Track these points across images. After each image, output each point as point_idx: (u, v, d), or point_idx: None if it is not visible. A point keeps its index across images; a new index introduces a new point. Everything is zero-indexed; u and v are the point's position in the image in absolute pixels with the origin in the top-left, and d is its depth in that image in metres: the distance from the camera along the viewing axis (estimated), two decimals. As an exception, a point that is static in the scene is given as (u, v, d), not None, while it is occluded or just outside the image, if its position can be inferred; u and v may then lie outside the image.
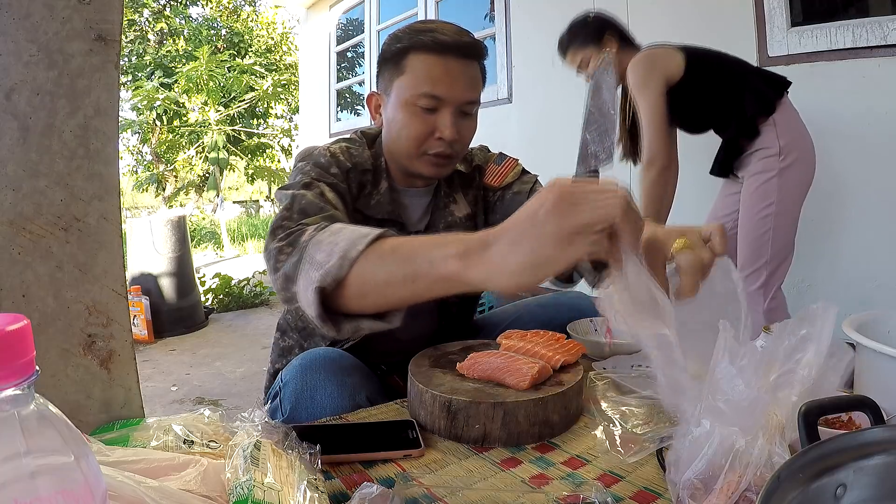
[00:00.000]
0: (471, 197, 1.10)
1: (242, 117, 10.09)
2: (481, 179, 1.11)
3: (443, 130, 0.92)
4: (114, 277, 0.69)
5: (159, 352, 3.42)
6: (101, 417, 0.69)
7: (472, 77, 0.94)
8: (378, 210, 0.99)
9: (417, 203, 1.06)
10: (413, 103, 0.92)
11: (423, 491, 0.58)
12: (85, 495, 0.30)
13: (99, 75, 0.67)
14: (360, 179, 0.98)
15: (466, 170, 1.10)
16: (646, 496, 0.58)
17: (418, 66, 0.92)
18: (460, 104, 0.93)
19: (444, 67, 0.91)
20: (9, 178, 0.62)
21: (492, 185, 1.10)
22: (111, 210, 0.69)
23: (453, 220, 1.06)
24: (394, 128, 0.96)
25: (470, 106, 0.95)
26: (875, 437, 0.43)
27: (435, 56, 0.91)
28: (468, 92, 0.93)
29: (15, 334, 0.29)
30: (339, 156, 0.96)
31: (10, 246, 0.62)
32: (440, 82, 0.91)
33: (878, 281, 1.83)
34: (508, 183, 1.10)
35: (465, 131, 0.96)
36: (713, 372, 0.52)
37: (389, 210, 1.00)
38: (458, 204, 1.08)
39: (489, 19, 3.52)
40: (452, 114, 0.92)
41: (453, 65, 0.91)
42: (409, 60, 0.92)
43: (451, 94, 0.91)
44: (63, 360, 0.66)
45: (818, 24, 1.90)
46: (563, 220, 0.48)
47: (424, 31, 0.92)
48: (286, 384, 0.86)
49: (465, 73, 0.93)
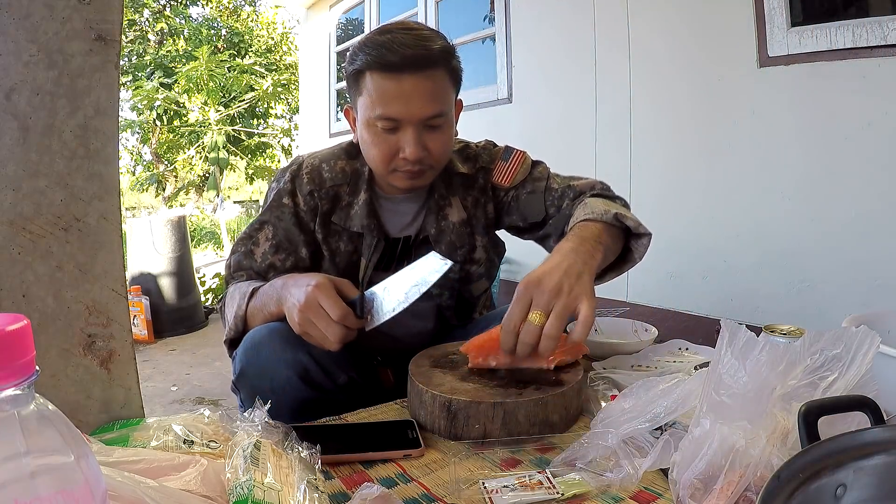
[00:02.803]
0: (470, 200, 1.08)
1: (242, 117, 10.08)
2: (487, 180, 1.09)
3: (406, 150, 0.90)
4: (114, 277, 0.69)
5: (159, 352, 3.42)
6: (101, 417, 0.69)
7: (430, 90, 0.89)
8: (354, 222, 1.00)
9: (405, 209, 1.05)
10: (373, 124, 0.90)
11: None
12: (85, 495, 0.30)
13: (99, 75, 0.67)
14: (334, 193, 1.00)
15: (469, 171, 1.08)
16: (646, 496, 0.58)
17: (373, 88, 0.88)
18: (421, 121, 0.89)
19: (398, 87, 0.87)
20: (9, 178, 0.62)
21: (502, 185, 1.08)
22: (111, 210, 0.69)
23: (446, 226, 1.05)
24: (363, 146, 0.96)
25: (435, 119, 0.90)
26: (875, 437, 0.43)
27: (387, 75, 0.87)
28: (427, 108, 0.88)
29: (15, 334, 0.29)
30: (304, 178, 1.00)
31: (10, 246, 0.62)
32: (393, 104, 0.87)
33: (878, 281, 1.83)
34: (520, 181, 1.08)
35: (434, 145, 0.92)
36: (714, 367, 0.52)
37: (366, 223, 1.00)
38: (454, 208, 1.06)
39: (489, 19, 3.51)
40: (415, 131, 0.89)
41: (408, 82, 0.87)
42: (364, 81, 0.90)
43: (408, 113, 0.88)
44: (63, 360, 0.66)
45: (818, 24, 1.90)
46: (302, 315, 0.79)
47: (377, 46, 0.87)
48: (236, 353, 0.89)
49: (421, 87, 0.88)
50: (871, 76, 1.79)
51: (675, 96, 2.38)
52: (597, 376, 0.84)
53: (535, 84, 3.10)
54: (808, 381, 0.50)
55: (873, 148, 1.81)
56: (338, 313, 0.77)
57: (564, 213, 1.04)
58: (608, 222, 0.89)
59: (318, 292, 0.78)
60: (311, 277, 0.82)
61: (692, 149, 2.35)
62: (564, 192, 1.06)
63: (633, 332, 1.07)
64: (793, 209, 2.03)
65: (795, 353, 0.52)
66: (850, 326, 0.52)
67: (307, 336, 0.81)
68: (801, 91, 1.97)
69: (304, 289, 0.80)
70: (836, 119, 1.89)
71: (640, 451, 0.62)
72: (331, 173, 1.01)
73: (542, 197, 1.07)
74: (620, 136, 2.60)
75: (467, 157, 1.10)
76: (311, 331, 0.79)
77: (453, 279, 1.07)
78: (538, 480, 0.59)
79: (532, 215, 1.08)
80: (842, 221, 1.90)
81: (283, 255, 1.00)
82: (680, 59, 2.34)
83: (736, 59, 2.13)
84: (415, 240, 1.06)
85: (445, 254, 1.04)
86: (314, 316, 0.78)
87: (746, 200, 2.17)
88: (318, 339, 0.80)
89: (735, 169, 2.19)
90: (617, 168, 2.63)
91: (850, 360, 0.50)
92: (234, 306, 0.93)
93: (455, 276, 1.07)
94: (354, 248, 1.02)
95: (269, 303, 0.88)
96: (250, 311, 0.91)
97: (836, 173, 1.91)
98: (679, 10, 2.32)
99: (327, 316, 0.78)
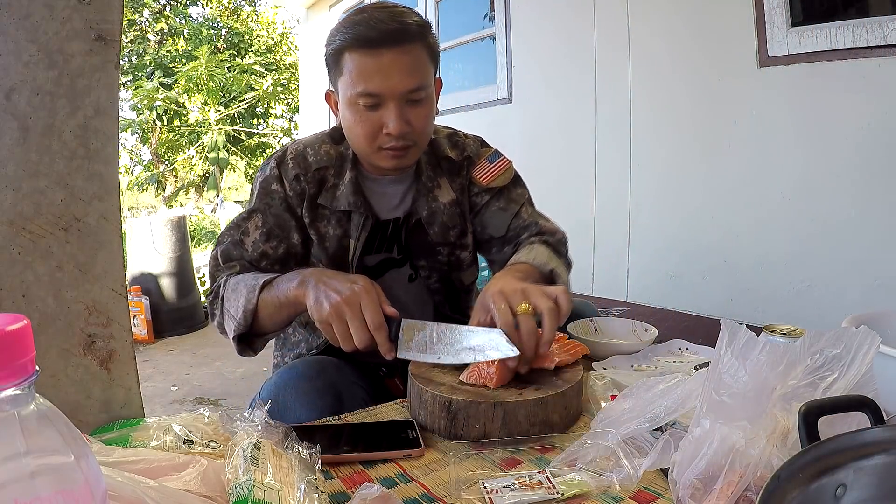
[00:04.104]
0: (458, 185, 1.09)
1: (242, 117, 10.08)
2: (469, 171, 1.10)
3: (389, 126, 0.90)
4: (114, 277, 0.69)
5: (159, 352, 3.42)
6: (101, 417, 0.69)
7: (410, 64, 0.89)
8: (341, 202, 1.00)
9: (393, 191, 1.05)
10: (355, 102, 0.90)
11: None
12: (85, 495, 0.30)
13: (99, 75, 0.67)
14: (320, 177, 1.00)
15: (457, 157, 1.09)
16: (646, 496, 0.58)
17: (352, 66, 0.89)
18: (402, 95, 0.90)
19: (377, 62, 0.87)
20: (9, 178, 0.62)
21: (478, 182, 1.09)
22: (111, 210, 0.69)
23: (437, 207, 1.05)
24: (346, 126, 0.96)
25: (416, 93, 0.91)
26: (875, 437, 0.43)
27: (365, 52, 0.88)
28: (407, 81, 0.89)
29: (15, 334, 0.29)
30: (289, 163, 1.00)
31: (10, 246, 0.62)
32: (374, 79, 0.88)
33: (878, 281, 1.83)
34: (497, 187, 1.09)
35: (416, 119, 0.92)
36: (714, 367, 0.52)
37: (352, 201, 0.99)
38: (443, 189, 1.06)
39: (489, 19, 3.51)
40: (397, 107, 0.90)
41: (387, 57, 0.87)
42: (344, 60, 0.90)
43: (389, 88, 0.88)
44: (63, 360, 0.66)
45: (818, 24, 1.90)
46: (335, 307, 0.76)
47: (354, 25, 0.88)
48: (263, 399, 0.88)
49: (400, 61, 0.88)
50: (871, 76, 1.79)
51: (675, 96, 2.38)
52: (597, 376, 0.84)
53: (535, 84, 3.10)
54: (808, 381, 0.50)
55: (873, 148, 1.81)
56: (376, 322, 0.75)
57: (520, 241, 1.08)
58: (543, 274, 0.94)
59: (364, 294, 0.76)
60: (358, 277, 0.80)
61: (692, 148, 2.35)
62: (530, 225, 1.09)
63: (633, 332, 1.07)
64: (793, 209, 2.03)
65: (795, 353, 0.52)
66: (850, 326, 0.52)
67: (326, 328, 0.78)
68: (801, 91, 1.97)
69: (349, 285, 0.78)
70: (836, 119, 1.89)
71: (640, 451, 0.61)
72: (315, 157, 1.00)
73: (509, 218, 1.09)
74: (620, 136, 2.60)
75: (455, 143, 1.10)
76: (336, 325, 0.76)
77: (443, 263, 1.08)
78: (538, 480, 0.59)
79: (493, 229, 1.10)
80: (842, 221, 1.90)
81: (274, 242, 0.99)
82: (680, 59, 2.34)
83: (736, 59, 2.13)
84: (405, 222, 1.05)
85: (439, 235, 1.05)
86: (350, 314, 0.75)
87: (746, 200, 2.17)
88: (338, 335, 0.77)
89: (735, 169, 2.19)
90: (617, 168, 2.63)
91: (850, 360, 0.50)
92: (242, 300, 0.88)
93: (444, 258, 1.07)
94: (344, 232, 1.01)
95: (288, 287, 0.84)
96: (262, 303, 0.87)
97: (836, 173, 1.91)
98: (679, 9, 2.32)
99: (362, 319, 0.75)
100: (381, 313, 0.76)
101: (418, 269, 1.08)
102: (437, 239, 1.06)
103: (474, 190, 1.10)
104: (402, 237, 1.06)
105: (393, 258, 1.07)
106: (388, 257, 1.06)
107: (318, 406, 0.82)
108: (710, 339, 0.73)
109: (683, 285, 2.41)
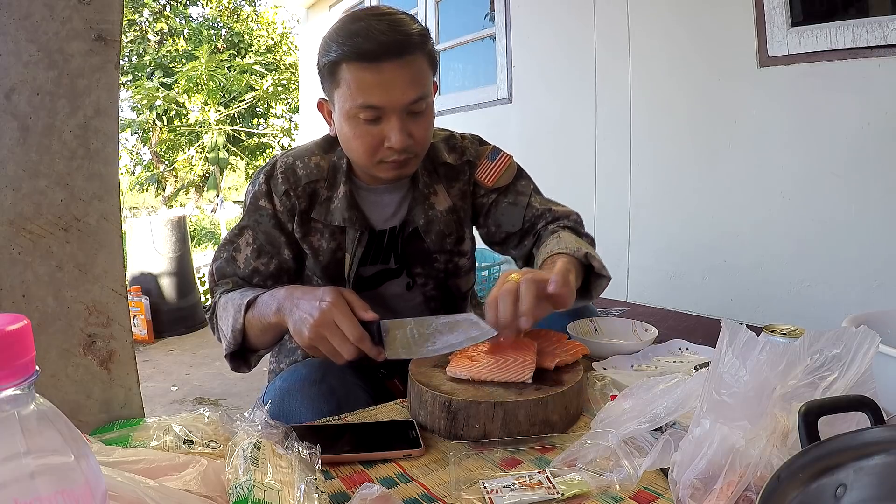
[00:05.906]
0: (456, 191, 1.07)
1: (242, 117, 10.08)
2: (472, 174, 1.09)
3: (391, 139, 0.87)
4: (114, 277, 0.69)
5: (159, 352, 3.42)
6: (101, 417, 0.69)
7: (411, 75, 0.87)
8: (335, 216, 0.99)
9: (389, 200, 1.04)
10: (354, 116, 0.88)
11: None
12: (85, 495, 0.30)
13: (99, 75, 0.67)
14: (311, 190, 0.99)
15: (455, 162, 1.07)
16: (646, 496, 0.58)
17: (350, 78, 0.86)
18: (404, 107, 0.87)
19: (377, 76, 0.84)
20: (9, 178, 0.62)
21: (483, 184, 1.08)
22: (111, 210, 0.69)
23: (434, 215, 1.04)
24: (344, 139, 0.94)
25: (418, 104, 0.88)
26: (875, 437, 0.43)
27: (365, 65, 0.84)
28: (409, 92, 0.86)
29: (15, 334, 0.29)
30: (279, 178, 0.98)
31: (10, 246, 0.62)
32: (375, 92, 0.85)
33: (878, 281, 1.83)
34: (502, 186, 1.08)
35: (418, 131, 0.90)
36: (714, 367, 0.52)
37: (347, 216, 0.98)
38: (440, 196, 1.05)
39: (489, 19, 3.51)
40: (399, 119, 0.87)
41: (387, 69, 0.84)
42: (341, 72, 0.87)
43: (390, 101, 0.86)
44: (63, 360, 0.66)
45: (818, 24, 1.90)
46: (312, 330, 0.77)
47: (352, 36, 0.85)
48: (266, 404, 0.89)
49: (401, 73, 0.85)
50: (871, 76, 1.79)
51: (675, 96, 2.38)
52: (597, 376, 0.84)
53: (534, 84, 3.11)
54: (808, 381, 0.50)
55: (873, 148, 1.81)
56: (355, 335, 0.75)
57: (538, 231, 1.07)
58: (578, 259, 0.92)
59: (334, 310, 0.76)
60: (325, 292, 0.79)
61: (692, 148, 2.35)
62: (544, 213, 1.08)
63: (633, 332, 1.07)
64: (793, 209, 2.03)
65: (795, 353, 0.52)
66: (850, 326, 0.52)
67: (314, 350, 0.79)
68: (801, 91, 1.97)
69: (317, 304, 0.77)
70: (837, 119, 1.89)
71: (640, 451, 0.61)
72: (305, 170, 0.99)
73: (522, 210, 1.08)
74: (620, 136, 2.60)
75: (453, 147, 1.09)
76: (322, 346, 0.78)
77: (440, 270, 1.07)
78: (538, 480, 0.59)
79: (508, 225, 1.09)
80: (842, 221, 1.90)
81: (265, 258, 0.99)
82: (680, 59, 2.35)
83: (736, 60, 2.13)
84: (401, 231, 1.04)
85: (436, 243, 1.04)
86: (329, 333, 0.76)
87: (746, 200, 2.17)
88: (327, 353, 0.78)
89: (735, 168, 2.19)
90: (617, 168, 2.63)
91: (850, 360, 0.50)
92: (230, 320, 0.90)
93: (441, 266, 1.07)
94: (338, 245, 1.00)
95: (268, 312, 0.85)
96: (248, 323, 0.89)
97: (837, 173, 1.91)
98: (679, 9, 2.32)
99: (342, 334, 0.76)
100: (358, 324, 0.76)
101: (415, 278, 1.07)
102: (433, 247, 1.05)
103: (480, 192, 1.09)
104: (398, 246, 1.05)
105: (389, 269, 1.06)
106: (384, 268, 1.05)
107: (324, 411, 0.82)
108: (710, 339, 0.74)
109: (683, 285, 2.41)
